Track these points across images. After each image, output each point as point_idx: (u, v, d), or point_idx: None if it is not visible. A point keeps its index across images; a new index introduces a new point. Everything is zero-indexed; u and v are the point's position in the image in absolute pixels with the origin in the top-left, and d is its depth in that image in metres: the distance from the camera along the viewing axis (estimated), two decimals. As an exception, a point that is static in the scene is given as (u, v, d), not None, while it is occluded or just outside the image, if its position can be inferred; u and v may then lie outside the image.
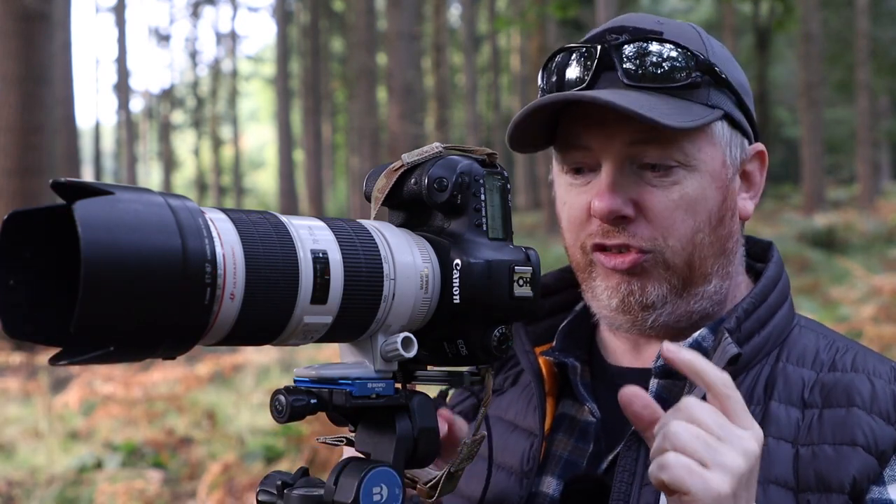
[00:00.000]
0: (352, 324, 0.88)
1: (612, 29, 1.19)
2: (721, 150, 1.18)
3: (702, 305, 1.19)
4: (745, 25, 28.84)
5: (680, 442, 0.93)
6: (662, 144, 1.13)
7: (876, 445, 1.07)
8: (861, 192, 23.24)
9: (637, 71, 1.14)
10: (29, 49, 10.20)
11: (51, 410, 6.99)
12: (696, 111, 1.14)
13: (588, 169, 1.18)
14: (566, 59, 1.19)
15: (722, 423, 0.95)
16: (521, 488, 1.20)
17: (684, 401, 0.97)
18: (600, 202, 1.13)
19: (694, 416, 0.95)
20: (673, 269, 1.16)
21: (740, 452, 0.94)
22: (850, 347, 1.19)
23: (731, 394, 0.97)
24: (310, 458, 5.42)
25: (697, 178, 1.15)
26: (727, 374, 0.98)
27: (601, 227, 1.16)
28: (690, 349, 1.03)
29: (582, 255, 1.20)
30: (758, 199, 1.26)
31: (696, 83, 1.14)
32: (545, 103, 1.14)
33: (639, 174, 1.15)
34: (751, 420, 0.97)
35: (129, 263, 0.69)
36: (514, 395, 1.31)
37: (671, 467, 0.93)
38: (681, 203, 1.14)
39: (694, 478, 0.91)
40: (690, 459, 0.92)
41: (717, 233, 1.17)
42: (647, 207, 1.14)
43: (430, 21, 30.77)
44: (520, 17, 18.01)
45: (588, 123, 1.16)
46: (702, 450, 0.93)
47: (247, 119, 60.47)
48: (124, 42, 37.67)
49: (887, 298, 9.23)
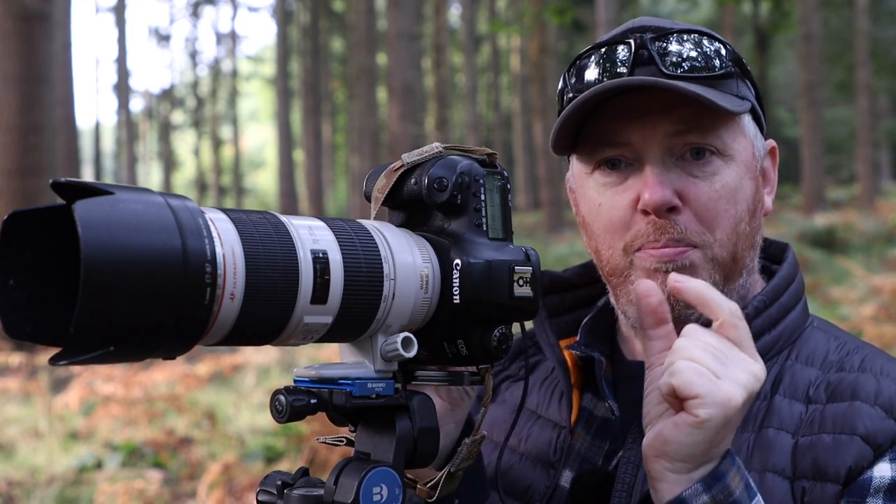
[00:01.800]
0: (352, 324, 0.88)
1: (635, 28, 1.19)
2: (750, 141, 1.20)
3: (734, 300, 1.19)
4: (745, 25, 28.86)
5: (688, 353, 0.94)
6: (704, 132, 1.14)
7: (875, 437, 1.07)
8: (861, 192, 23.23)
9: (678, 62, 1.15)
10: (29, 49, 10.20)
11: (51, 410, 6.99)
12: (733, 100, 1.15)
13: (625, 164, 1.18)
14: (598, 59, 1.19)
15: (729, 346, 0.96)
16: (547, 478, 1.21)
17: (690, 327, 0.99)
18: (651, 194, 1.13)
19: (700, 338, 0.96)
20: (720, 263, 1.16)
21: (748, 372, 0.95)
22: (860, 349, 1.19)
23: (739, 323, 0.98)
24: (310, 458, 5.42)
25: (734, 168, 1.16)
26: (735, 304, 0.99)
27: (652, 223, 1.15)
28: (697, 278, 1.04)
29: (623, 257, 1.18)
30: (773, 195, 1.27)
31: (730, 73, 1.16)
32: (601, 90, 1.12)
33: (680, 166, 1.15)
34: (755, 352, 0.98)
35: (129, 263, 0.69)
36: (531, 384, 1.32)
37: (681, 371, 0.93)
38: (723, 193, 1.15)
39: (704, 380, 0.92)
40: (700, 365, 0.93)
41: (752, 224, 1.19)
42: (692, 199, 1.15)
43: (430, 21, 30.78)
44: (517, 21, 18.02)
45: (625, 119, 1.15)
46: (711, 360, 0.94)
47: (247, 119, 60.47)
48: (124, 42, 37.68)
49: (887, 298, 9.23)
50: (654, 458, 0.97)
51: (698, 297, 0.99)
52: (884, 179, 32.54)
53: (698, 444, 0.94)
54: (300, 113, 36.33)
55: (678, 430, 0.94)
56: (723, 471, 0.96)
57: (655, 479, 0.98)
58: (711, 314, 0.98)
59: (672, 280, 1.00)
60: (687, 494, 0.95)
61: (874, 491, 1.04)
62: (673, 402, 0.95)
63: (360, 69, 23.89)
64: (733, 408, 0.92)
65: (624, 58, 1.16)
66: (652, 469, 0.98)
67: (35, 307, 0.77)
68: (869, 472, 1.05)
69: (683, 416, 0.94)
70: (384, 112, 25.55)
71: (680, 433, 0.94)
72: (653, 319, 1.00)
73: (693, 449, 0.94)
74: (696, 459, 0.95)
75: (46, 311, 0.77)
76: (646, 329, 1.01)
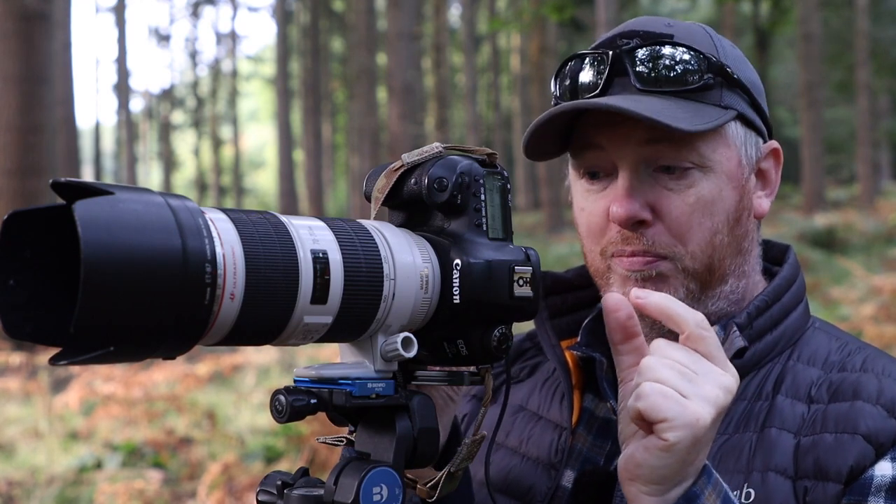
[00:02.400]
0: (352, 324, 0.88)
1: (623, 34, 1.19)
2: (736, 150, 1.18)
3: (718, 306, 1.19)
4: (745, 25, 28.85)
5: (654, 374, 0.92)
6: (677, 146, 1.14)
7: (877, 437, 1.07)
8: (861, 192, 23.23)
9: (649, 75, 1.15)
10: (29, 49, 10.20)
11: (51, 410, 6.99)
12: (710, 113, 1.14)
13: (604, 173, 1.19)
14: (579, 66, 1.20)
15: (697, 359, 0.94)
16: (549, 479, 1.21)
17: (656, 342, 0.97)
18: (618, 207, 1.14)
19: (667, 354, 0.94)
20: (692, 274, 1.16)
21: (718, 385, 0.93)
22: (861, 350, 1.19)
23: (706, 335, 0.96)
24: (310, 458, 5.42)
25: (713, 179, 1.16)
26: (701, 315, 0.97)
27: (620, 232, 1.16)
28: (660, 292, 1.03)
29: (601, 260, 1.20)
30: (773, 197, 1.26)
31: (708, 85, 1.15)
32: (557, 113, 1.15)
33: (654, 178, 1.15)
34: (727, 362, 0.96)
35: (129, 263, 0.69)
36: (532, 385, 1.32)
37: (647, 395, 0.91)
38: (697, 206, 1.15)
39: (670, 403, 0.90)
40: (666, 387, 0.91)
41: (734, 233, 1.18)
42: (665, 212, 1.15)
43: (430, 21, 30.78)
44: (516, 18, 18.02)
45: (602, 126, 1.17)
46: (677, 380, 0.92)
47: (247, 119, 60.47)
48: (124, 42, 37.67)
49: (887, 298, 9.23)
50: (628, 480, 0.96)
51: (661, 312, 0.97)
52: (884, 179, 32.53)
53: (670, 467, 0.92)
54: (300, 113, 36.32)
55: (648, 454, 0.93)
56: (696, 492, 0.94)
57: (631, 501, 0.97)
58: (676, 328, 0.97)
59: (633, 297, 0.98)
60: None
61: (875, 489, 1.04)
62: (642, 425, 0.94)
63: (360, 69, 23.89)
64: (702, 427, 0.91)
65: (601, 69, 1.17)
66: (628, 492, 0.97)
67: (35, 307, 0.77)
68: (870, 471, 1.05)
69: (653, 440, 0.92)
70: (384, 112, 25.54)
71: (650, 457, 0.93)
72: (621, 335, 0.98)
73: (665, 471, 0.93)
74: (669, 481, 0.94)
75: (46, 311, 0.77)
76: (615, 344, 0.99)
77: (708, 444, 0.94)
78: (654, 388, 0.91)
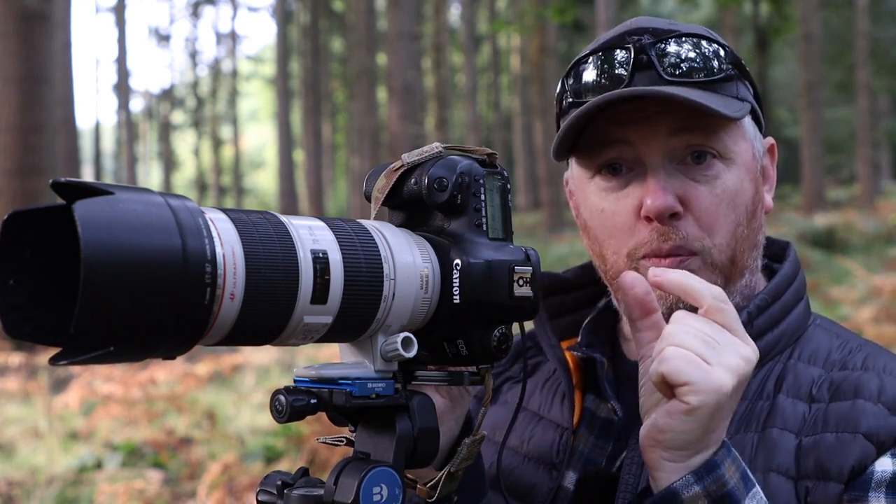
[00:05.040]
0: (352, 324, 0.88)
1: (632, 31, 1.19)
2: (750, 143, 1.20)
3: (735, 301, 1.19)
4: (745, 25, 28.84)
5: (678, 339, 0.93)
6: (705, 135, 1.14)
7: (878, 435, 1.07)
8: (861, 192, 23.23)
9: (677, 66, 1.15)
10: (29, 49, 10.20)
11: (51, 410, 6.99)
12: (733, 104, 1.15)
13: (626, 168, 1.17)
14: (596, 64, 1.19)
15: (718, 330, 0.95)
16: (550, 479, 1.21)
17: (677, 313, 0.97)
18: (654, 200, 1.13)
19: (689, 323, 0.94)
20: (719, 268, 1.16)
21: (739, 355, 0.94)
22: (862, 347, 1.19)
23: (724, 307, 0.96)
24: (310, 458, 5.42)
25: (735, 171, 1.16)
26: (718, 288, 0.98)
27: (656, 230, 1.15)
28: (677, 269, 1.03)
29: (627, 263, 1.18)
30: (773, 193, 1.27)
31: (729, 76, 1.16)
32: (611, 99, 1.12)
33: (681, 171, 1.15)
34: (745, 334, 0.97)
35: (129, 263, 0.69)
36: (532, 385, 1.32)
37: (670, 359, 0.91)
38: (724, 197, 1.15)
39: (693, 367, 0.90)
40: (689, 352, 0.91)
41: (751, 226, 1.19)
42: (694, 204, 1.15)
43: (430, 21, 30.78)
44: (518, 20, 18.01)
45: (625, 122, 1.15)
46: (700, 346, 0.92)
47: (247, 119, 60.46)
48: (124, 42, 37.67)
49: (887, 298, 9.23)
50: (650, 447, 0.96)
51: (679, 287, 0.98)
52: (884, 179, 32.54)
53: (692, 432, 0.93)
54: (300, 113, 36.32)
55: (671, 419, 0.93)
56: (717, 461, 0.95)
57: (653, 468, 0.97)
58: (695, 302, 0.97)
59: (651, 276, 0.99)
60: (677, 485, 0.94)
61: (875, 485, 1.04)
62: (664, 390, 0.94)
63: (360, 69, 23.89)
64: (724, 394, 0.91)
65: (623, 63, 1.16)
66: (649, 459, 0.97)
67: (35, 307, 0.77)
68: (871, 468, 1.05)
69: (675, 404, 0.92)
70: (384, 112, 25.55)
71: (673, 421, 0.93)
72: (640, 311, 0.99)
73: (688, 436, 0.93)
74: (692, 447, 0.94)
75: (46, 311, 0.77)
76: (633, 321, 0.99)
77: (729, 413, 0.95)
78: (678, 352, 0.91)
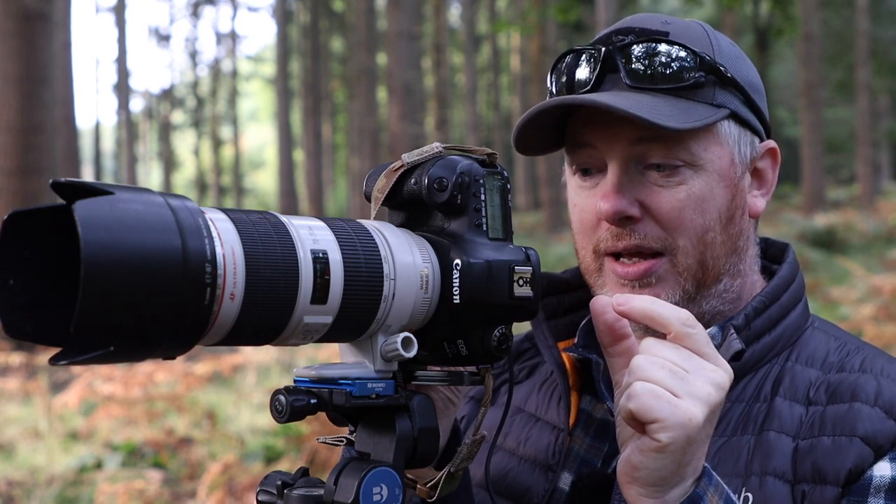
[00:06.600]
0: (352, 324, 0.88)
1: (619, 30, 1.19)
2: (728, 148, 1.18)
3: (712, 305, 1.19)
4: (745, 25, 28.85)
5: (644, 373, 0.91)
6: (667, 144, 1.14)
7: (875, 438, 1.07)
8: (861, 192, 23.24)
9: (640, 72, 1.15)
10: (29, 49, 10.20)
11: (51, 410, 6.99)
12: (701, 111, 1.14)
13: (596, 170, 1.19)
14: (574, 61, 1.21)
15: (687, 356, 0.93)
16: (545, 481, 1.21)
17: (646, 341, 0.96)
18: (605, 203, 1.14)
19: (657, 353, 0.93)
20: (687, 271, 1.16)
21: (709, 382, 0.92)
22: (860, 350, 1.19)
23: (692, 331, 0.94)
24: (310, 458, 5.42)
25: (704, 178, 1.15)
26: (686, 312, 0.96)
27: (610, 230, 1.16)
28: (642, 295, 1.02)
29: (593, 258, 1.20)
30: (769, 196, 1.26)
31: (699, 83, 1.15)
32: (544, 108, 1.15)
33: (644, 175, 1.15)
34: (717, 356, 0.95)
35: (129, 263, 0.69)
36: (530, 387, 1.32)
37: (638, 395, 0.90)
38: (687, 202, 1.14)
39: (661, 403, 0.89)
40: (657, 386, 0.90)
41: (727, 231, 1.18)
42: (654, 208, 1.15)
43: (430, 21, 30.77)
44: (520, 20, 18.00)
45: (593, 123, 1.17)
46: (668, 379, 0.90)
47: (247, 119, 60.47)
48: (124, 42, 37.66)
49: (887, 298, 9.24)
50: (626, 483, 0.95)
51: (644, 315, 0.96)
52: (884, 179, 32.56)
53: (666, 468, 0.91)
54: (300, 113, 36.33)
55: (644, 456, 0.92)
56: (699, 493, 0.93)
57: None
58: (662, 328, 0.95)
59: (615, 304, 0.96)
60: None
61: (875, 490, 1.04)
62: (635, 426, 0.92)
63: (360, 69, 23.89)
64: (694, 427, 0.89)
65: (593, 65, 1.17)
66: (627, 495, 0.95)
67: (35, 307, 0.77)
68: (869, 472, 1.05)
69: (647, 441, 0.91)
70: (384, 112, 25.55)
71: (645, 458, 0.91)
72: (610, 337, 0.97)
73: (662, 472, 0.92)
74: (667, 482, 0.93)
75: (46, 311, 0.77)
76: (605, 347, 0.98)
77: (703, 443, 0.93)
78: (645, 387, 0.90)
